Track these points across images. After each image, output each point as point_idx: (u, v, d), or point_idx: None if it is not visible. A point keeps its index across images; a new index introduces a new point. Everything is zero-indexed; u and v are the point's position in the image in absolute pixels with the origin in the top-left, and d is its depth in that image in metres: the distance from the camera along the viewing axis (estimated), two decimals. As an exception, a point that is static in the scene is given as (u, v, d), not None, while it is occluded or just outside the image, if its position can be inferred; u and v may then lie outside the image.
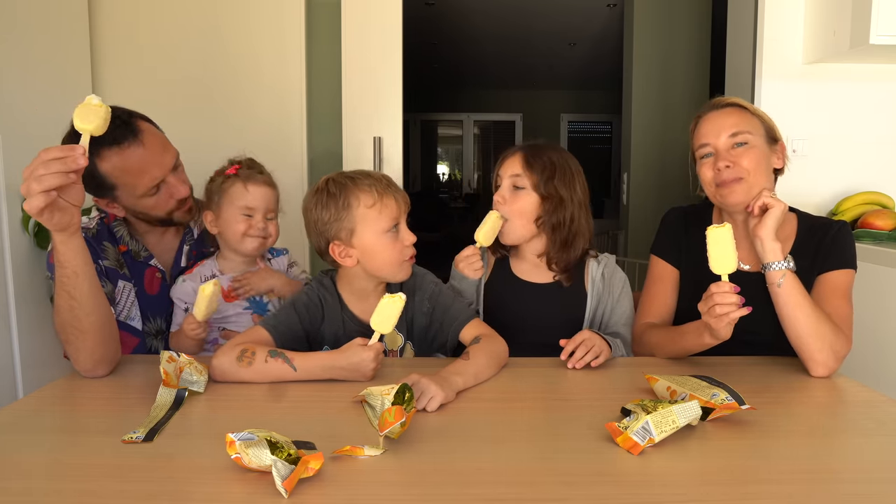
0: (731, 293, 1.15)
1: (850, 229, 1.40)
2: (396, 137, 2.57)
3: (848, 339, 1.25)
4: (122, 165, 1.33)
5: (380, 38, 2.51)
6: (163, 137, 1.42)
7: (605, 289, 1.51)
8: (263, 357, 1.14)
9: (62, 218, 1.04)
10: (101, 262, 1.39)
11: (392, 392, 0.94)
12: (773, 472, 0.83)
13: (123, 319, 1.42)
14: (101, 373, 1.19)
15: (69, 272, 1.10)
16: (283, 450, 0.79)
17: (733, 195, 1.34)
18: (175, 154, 1.43)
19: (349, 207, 1.24)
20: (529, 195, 1.45)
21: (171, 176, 1.40)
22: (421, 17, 5.37)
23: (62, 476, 0.82)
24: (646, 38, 4.06)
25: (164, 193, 1.40)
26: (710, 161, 1.37)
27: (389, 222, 1.25)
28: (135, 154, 1.33)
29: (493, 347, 1.25)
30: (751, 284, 1.32)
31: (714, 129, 1.36)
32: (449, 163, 10.01)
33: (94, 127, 1.02)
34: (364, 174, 1.28)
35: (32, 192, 0.97)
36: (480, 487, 0.79)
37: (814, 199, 2.43)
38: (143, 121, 1.38)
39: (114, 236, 1.45)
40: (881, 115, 2.40)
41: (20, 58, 1.88)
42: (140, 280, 1.46)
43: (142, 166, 1.34)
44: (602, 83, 8.15)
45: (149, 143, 1.35)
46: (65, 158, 0.98)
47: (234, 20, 2.47)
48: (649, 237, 1.55)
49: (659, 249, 1.52)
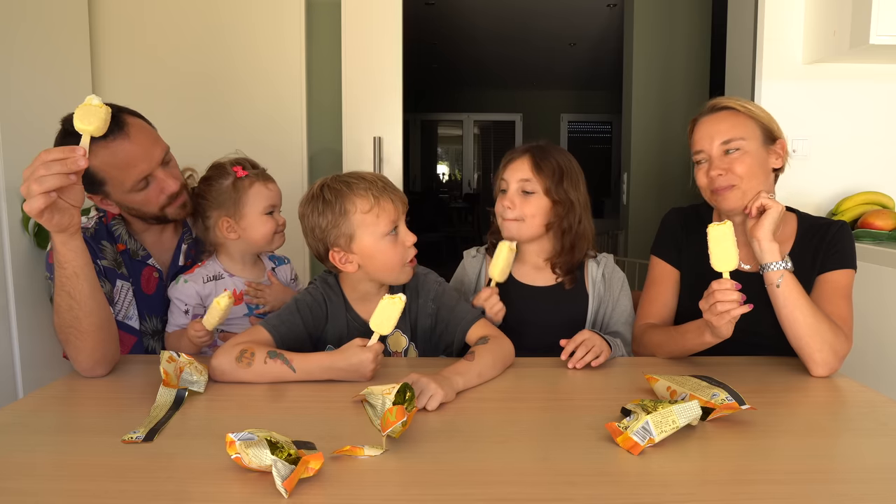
0: (732, 290, 1.15)
1: (850, 229, 1.40)
2: (396, 137, 2.57)
3: (848, 339, 1.25)
4: (109, 160, 1.32)
5: (380, 38, 2.51)
6: (151, 132, 1.41)
7: (606, 289, 1.50)
8: (262, 358, 1.13)
9: (62, 219, 1.04)
10: (99, 261, 1.39)
11: (393, 392, 0.94)
12: (773, 472, 0.83)
13: (122, 319, 1.42)
14: (100, 373, 1.19)
15: (69, 273, 1.10)
16: (283, 450, 0.79)
17: (726, 202, 1.34)
18: (164, 149, 1.41)
19: (346, 213, 1.22)
20: (540, 199, 1.43)
21: (159, 170, 1.38)
22: (421, 17, 5.38)
23: (62, 476, 0.82)
24: (646, 38, 4.06)
25: (153, 188, 1.39)
26: (704, 167, 1.38)
27: (388, 226, 1.24)
28: (121, 148, 1.32)
29: (499, 348, 1.25)
30: (751, 285, 1.32)
31: (707, 135, 1.37)
32: (449, 163, 10.02)
33: (94, 128, 1.02)
34: (359, 177, 1.26)
35: (33, 194, 0.97)
36: (481, 487, 0.79)
37: (814, 199, 2.43)
38: (131, 115, 1.37)
39: (112, 235, 1.44)
40: (881, 115, 2.39)
41: (20, 58, 1.88)
42: (137, 279, 1.46)
43: (128, 160, 1.33)
44: (602, 83, 8.16)
45: (136, 137, 1.34)
46: (65, 160, 0.98)
47: (234, 20, 2.46)
48: (649, 237, 1.55)
49: (659, 250, 1.51)
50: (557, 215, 1.44)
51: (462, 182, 9.71)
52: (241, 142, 1.62)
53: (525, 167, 1.44)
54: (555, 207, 1.44)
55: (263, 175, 1.49)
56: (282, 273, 1.59)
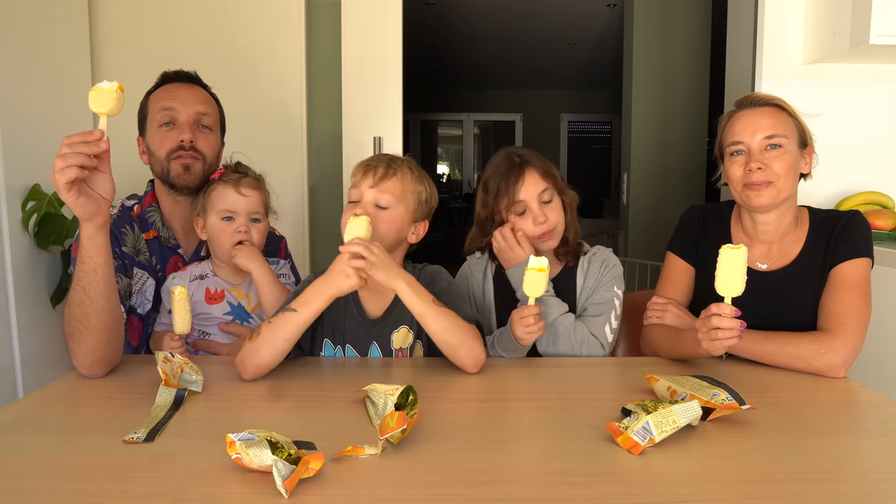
0: (730, 318, 1.14)
1: (862, 218, 1.37)
2: (396, 137, 2.57)
3: (844, 333, 1.24)
4: (157, 95, 1.51)
5: (380, 38, 2.51)
6: (205, 95, 1.55)
7: (593, 269, 1.45)
8: (267, 323, 1.17)
9: (87, 204, 1.08)
10: (118, 248, 1.43)
11: (396, 393, 0.94)
12: (773, 472, 0.83)
13: (134, 305, 1.46)
14: (97, 373, 1.19)
15: (88, 269, 1.14)
16: (283, 450, 0.79)
17: (760, 198, 1.33)
18: (206, 112, 1.51)
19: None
20: (557, 202, 1.44)
21: (188, 122, 1.47)
22: (421, 17, 5.37)
23: (62, 476, 0.82)
24: (646, 38, 4.07)
25: (173, 132, 1.47)
26: (741, 159, 1.35)
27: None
28: (171, 87, 1.51)
29: (467, 333, 1.19)
30: (765, 283, 1.32)
31: (749, 127, 1.34)
32: (449, 163, 10.01)
33: (108, 109, 1.07)
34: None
35: (58, 168, 1.03)
36: (481, 487, 0.79)
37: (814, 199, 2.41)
38: (200, 85, 1.55)
39: (146, 222, 1.51)
40: (881, 115, 2.39)
41: (20, 58, 1.88)
42: (164, 266, 1.52)
43: (168, 94, 1.49)
44: (602, 83, 8.16)
45: (188, 87, 1.51)
46: (88, 142, 1.05)
47: (234, 20, 2.46)
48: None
49: (676, 247, 1.50)
50: (569, 203, 1.46)
51: (462, 182, 9.70)
52: (241, 142, 1.61)
53: (537, 179, 1.41)
54: (564, 207, 1.45)
55: (239, 181, 1.43)
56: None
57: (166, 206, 1.54)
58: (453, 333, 1.19)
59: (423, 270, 1.36)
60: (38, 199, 1.86)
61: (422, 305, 1.17)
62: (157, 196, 1.54)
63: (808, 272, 1.35)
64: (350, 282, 1.15)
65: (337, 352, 1.33)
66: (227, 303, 1.47)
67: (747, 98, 1.40)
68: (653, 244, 3.88)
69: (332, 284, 1.16)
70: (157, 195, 1.54)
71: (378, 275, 1.15)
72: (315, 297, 1.17)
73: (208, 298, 1.46)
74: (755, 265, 1.39)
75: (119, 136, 1.54)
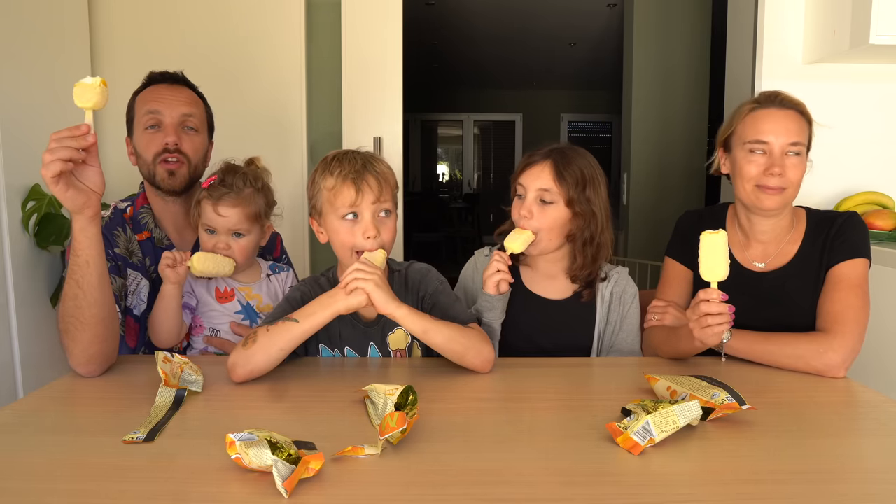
0: (719, 302, 1.14)
1: (858, 219, 1.37)
2: (396, 137, 2.57)
3: (843, 333, 1.24)
4: (143, 97, 1.50)
5: (380, 38, 2.51)
6: (192, 95, 1.53)
7: (615, 304, 1.43)
8: (264, 330, 1.16)
9: (77, 197, 1.09)
10: (111, 250, 1.43)
11: (396, 393, 0.94)
12: (773, 472, 0.83)
13: (129, 306, 1.46)
14: (93, 370, 1.19)
15: (81, 261, 1.14)
16: (283, 450, 0.79)
17: (771, 201, 1.33)
18: (191, 114, 1.49)
19: (318, 189, 1.28)
20: (559, 210, 1.36)
21: (174, 125, 1.46)
22: (421, 17, 5.38)
23: (62, 476, 0.82)
24: (646, 38, 4.06)
25: (158, 135, 1.46)
26: (760, 159, 1.34)
27: (345, 209, 1.23)
28: (156, 89, 1.50)
29: (470, 337, 1.21)
30: (763, 283, 1.32)
31: (777, 129, 1.33)
32: (449, 163, 10.01)
33: (93, 104, 1.07)
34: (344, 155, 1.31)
35: (47, 161, 1.04)
36: (481, 487, 0.79)
37: (814, 199, 2.42)
38: (186, 85, 1.54)
39: (139, 224, 1.51)
40: (881, 115, 2.39)
41: (20, 57, 1.88)
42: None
43: (153, 96, 1.49)
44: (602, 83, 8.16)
45: (173, 88, 1.50)
46: (75, 136, 1.06)
47: (233, 20, 2.46)
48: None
49: (674, 252, 1.51)
50: (578, 227, 1.37)
51: (462, 182, 9.70)
52: (241, 142, 1.61)
53: (546, 175, 1.35)
54: (576, 218, 1.36)
55: (219, 200, 1.40)
56: (277, 282, 1.54)
57: (157, 207, 1.54)
58: (458, 341, 1.20)
59: (410, 269, 1.35)
60: (38, 199, 1.86)
61: (422, 323, 1.17)
62: (148, 197, 1.54)
63: (805, 272, 1.36)
64: (359, 298, 1.15)
65: (335, 354, 1.33)
66: (238, 301, 1.48)
67: (776, 96, 1.37)
68: (652, 244, 3.87)
69: (339, 299, 1.16)
70: (147, 196, 1.54)
71: (377, 297, 1.15)
72: (320, 310, 1.17)
73: (218, 297, 1.47)
74: (752, 265, 1.40)
75: (119, 136, 1.56)
